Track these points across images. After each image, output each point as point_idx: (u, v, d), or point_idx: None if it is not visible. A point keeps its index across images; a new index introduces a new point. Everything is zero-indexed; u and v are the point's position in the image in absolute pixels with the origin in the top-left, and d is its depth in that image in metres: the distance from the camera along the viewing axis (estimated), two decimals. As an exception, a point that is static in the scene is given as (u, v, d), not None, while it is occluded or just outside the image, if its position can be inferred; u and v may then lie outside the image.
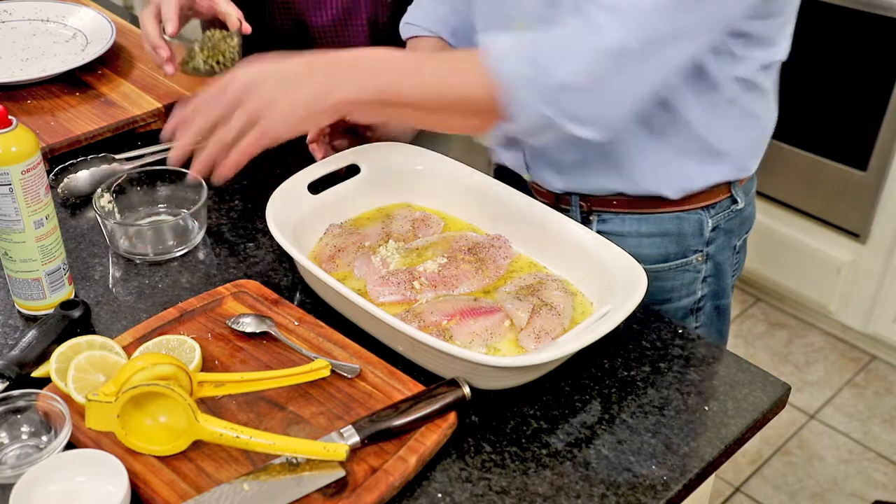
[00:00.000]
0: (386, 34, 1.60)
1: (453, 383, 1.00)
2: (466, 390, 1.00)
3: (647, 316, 1.17)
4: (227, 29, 1.45)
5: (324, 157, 1.28)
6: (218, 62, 1.45)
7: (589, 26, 1.02)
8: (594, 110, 1.05)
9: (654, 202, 1.28)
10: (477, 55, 1.07)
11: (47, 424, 0.98)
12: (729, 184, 1.29)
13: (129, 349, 1.06)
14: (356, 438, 0.95)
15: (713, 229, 1.32)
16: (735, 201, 1.32)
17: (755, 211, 1.40)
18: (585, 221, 1.32)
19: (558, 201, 1.32)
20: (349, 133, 1.34)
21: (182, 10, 1.41)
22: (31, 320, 1.16)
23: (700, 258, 1.33)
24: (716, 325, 1.41)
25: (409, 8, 1.44)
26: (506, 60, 1.04)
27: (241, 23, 1.42)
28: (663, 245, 1.31)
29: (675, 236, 1.31)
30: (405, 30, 1.43)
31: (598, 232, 1.30)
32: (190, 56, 1.44)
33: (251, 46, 1.41)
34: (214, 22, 1.46)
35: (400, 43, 1.42)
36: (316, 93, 1.05)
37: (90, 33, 1.66)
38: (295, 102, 1.04)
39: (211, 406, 1.01)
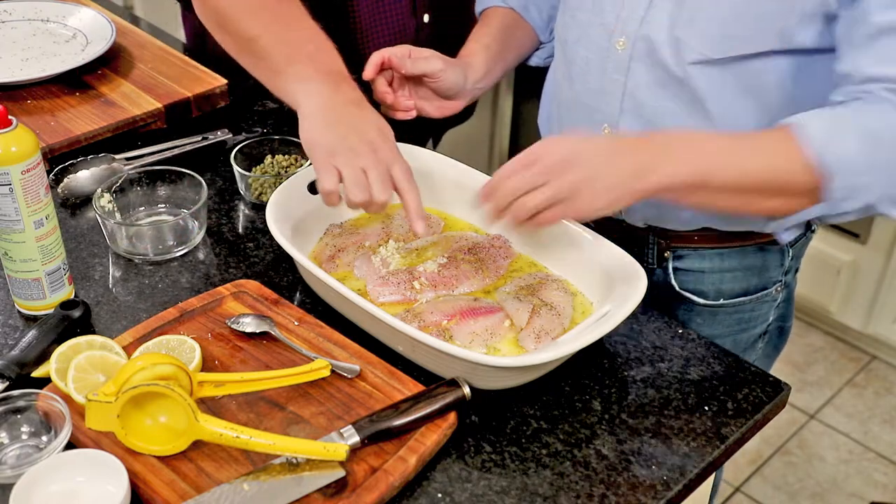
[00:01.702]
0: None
1: (453, 383, 1.00)
2: (466, 390, 1.00)
3: (648, 316, 1.17)
4: (289, 153, 1.40)
5: (392, 104, 1.26)
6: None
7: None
8: None
9: (740, 236, 1.25)
10: (794, 136, 1.02)
11: (47, 424, 0.98)
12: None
13: (129, 349, 1.06)
14: (356, 438, 0.95)
15: (792, 258, 1.30)
16: (811, 227, 1.30)
17: None
18: (660, 259, 1.29)
19: (630, 241, 1.23)
20: (410, 81, 1.30)
21: None
22: (31, 320, 1.16)
23: (779, 288, 1.32)
24: (774, 342, 1.40)
25: None
26: (836, 144, 1.00)
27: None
28: (745, 279, 1.29)
29: (758, 269, 1.28)
30: (479, 3, 1.42)
31: (675, 269, 1.30)
32: (262, 189, 1.35)
33: None
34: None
35: (444, 27, 1.40)
36: (632, 174, 1.02)
37: (90, 33, 1.66)
38: (610, 184, 1.02)
39: (211, 406, 1.01)
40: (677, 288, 1.30)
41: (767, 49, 1.09)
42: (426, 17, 1.60)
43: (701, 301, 1.30)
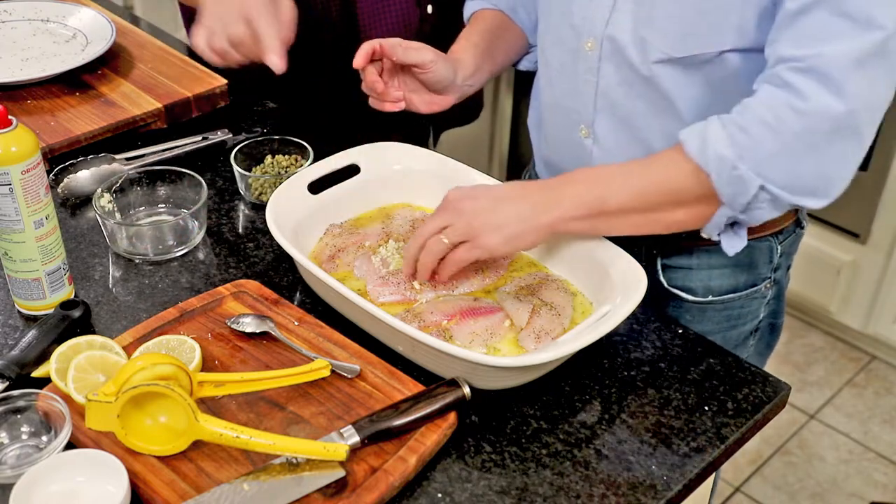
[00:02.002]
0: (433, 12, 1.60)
1: (453, 383, 1.00)
2: (466, 390, 1.00)
3: (647, 316, 1.17)
4: (289, 153, 1.40)
5: (382, 93, 1.27)
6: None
7: (792, 93, 1.01)
8: (821, 176, 1.05)
9: None
10: (676, 149, 1.08)
11: (47, 424, 0.98)
12: (797, 208, 1.27)
13: (129, 349, 1.06)
14: (356, 438, 0.95)
15: (780, 255, 1.31)
16: (800, 224, 1.32)
17: None
18: (649, 257, 1.29)
19: (618, 239, 1.20)
20: (400, 72, 1.31)
21: None
22: (31, 320, 1.16)
23: (768, 284, 1.33)
24: (766, 339, 1.40)
25: None
26: (711, 143, 1.04)
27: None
28: (734, 276, 1.30)
29: (746, 266, 1.29)
30: (468, 6, 1.42)
31: (664, 267, 1.31)
32: (262, 189, 1.35)
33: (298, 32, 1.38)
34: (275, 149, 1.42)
35: (447, 19, 1.40)
36: (531, 211, 1.08)
37: (90, 33, 1.66)
38: (508, 219, 1.08)
39: (211, 406, 1.01)
40: (666, 285, 1.31)
41: (728, 47, 1.11)
42: (429, 8, 1.61)
43: (690, 298, 1.31)
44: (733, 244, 1.15)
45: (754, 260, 1.29)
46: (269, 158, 1.39)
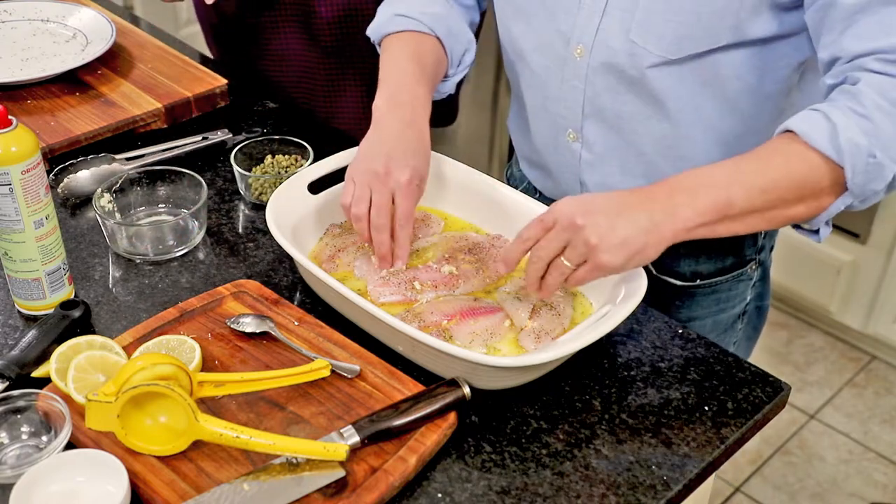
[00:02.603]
0: None
1: (453, 383, 1.00)
2: (466, 390, 1.00)
3: (647, 316, 1.17)
4: (289, 153, 1.39)
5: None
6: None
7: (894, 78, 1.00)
8: None
9: None
10: (794, 141, 1.02)
11: (47, 424, 0.98)
12: None
13: (129, 349, 1.06)
14: (356, 438, 0.95)
15: (765, 236, 1.31)
16: None
17: None
18: None
19: None
20: None
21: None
22: (31, 320, 1.16)
23: (754, 266, 1.33)
24: (753, 322, 1.41)
25: None
26: (843, 132, 1.00)
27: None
28: (720, 259, 1.29)
29: (732, 248, 1.29)
30: (394, 22, 1.28)
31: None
32: (262, 189, 1.34)
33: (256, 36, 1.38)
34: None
35: None
36: (651, 223, 1.01)
37: (90, 33, 1.66)
38: (622, 240, 1.00)
39: (211, 406, 1.01)
40: (654, 272, 1.31)
41: (723, 44, 1.10)
42: None
43: (678, 283, 1.31)
44: (826, 232, 1.12)
45: (740, 242, 1.29)
46: (269, 158, 1.39)
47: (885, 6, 1.01)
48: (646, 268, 1.28)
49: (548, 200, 1.28)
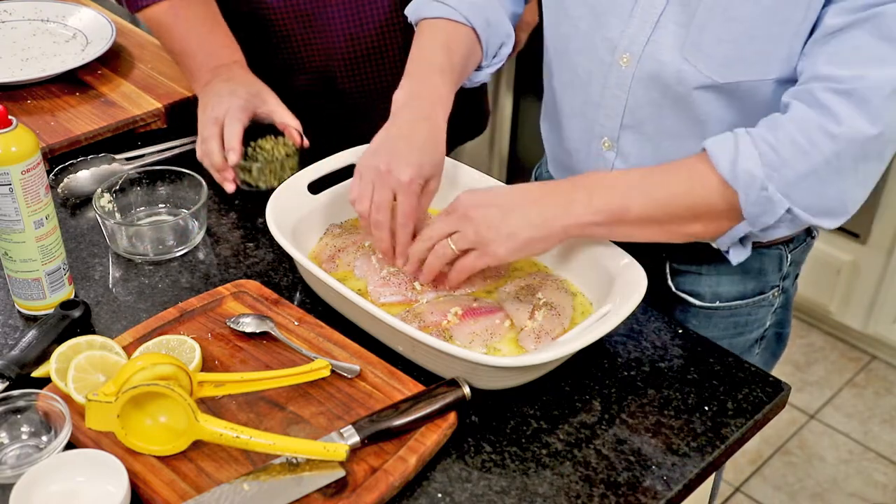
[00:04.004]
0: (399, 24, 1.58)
1: (453, 383, 1.00)
2: (466, 390, 1.00)
3: (647, 316, 1.17)
4: (274, 134, 1.39)
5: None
6: (272, 173, 1.35)
7: (826, 115, 1.00)
8: (842, 199, 1.04)
9: None
10: (701, 161, 1.05)
11: (47, 424, 0.98)
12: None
13: (129, 349, 1.06)
14: (356, 438, 0.95)
15: (790, 263, 1.30)
16: (811, 234, 1.30)
17: None
18: (658, 263, 1.27)
19: (626, 243, 1.17)
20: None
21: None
22: (31, 320, 1.16)
23: (776, 293, 1.31)
24: (772, 348, 1.39)
25: None
26: (742, 161, 1.02)
27: (302, 138, 1.35)
28: (742, 282, 1.28)
29: (756, 273, 1.28)
30: (431, 6, 1.28)
31: (673, 271, 1.29)
32: (243, 169, 1.34)
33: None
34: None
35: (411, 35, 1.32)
36: (541, 218, 1.06)
37: (90, 33, 1.66)
38: (519, 227, 1.06)
39: (211, 406, 1.01)
40: (674, 289, 1.30)
41: (773, 76, 1.08)
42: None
43: (697, 303, 1.30)
44: (739, 255, 1.13)
45: (764, 268, 1.28)
46: (252, 144, 1.37)
47: (867, 33, 0.99)
48: (666, 285, 1.29)
49: None
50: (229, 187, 1.33)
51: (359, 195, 1.13)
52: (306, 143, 1.36)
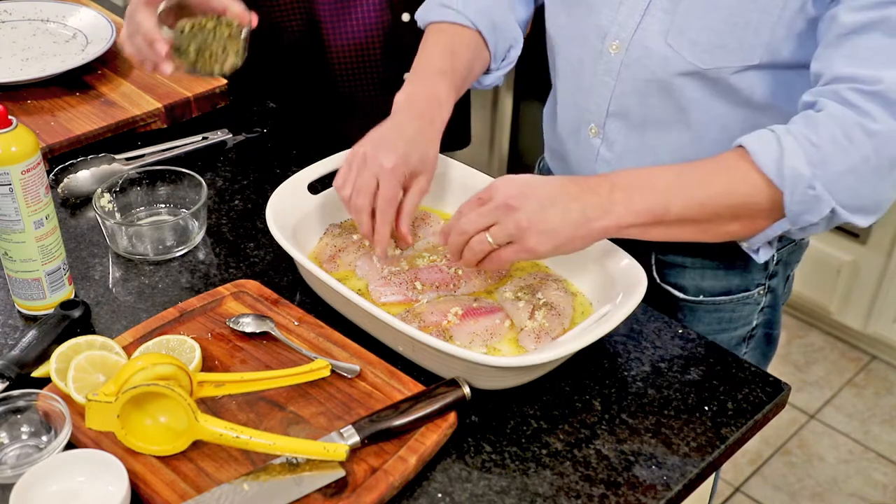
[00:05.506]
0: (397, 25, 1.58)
1: (453, 383, 1.00)
2: (466, 390, 1.00)
3: (647, 316, 1.17)
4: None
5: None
6: (212, 56, 1.27)
7: (862, 114, 0.99)
8: (877, 198, 1.03)
9: None
10: (741, 159, 1.03)
11: (47, 424, 0.98)
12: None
13: (129, 349, 1.06)
14: (356, 438, 0.95)
15: (777, 262, 1.30)
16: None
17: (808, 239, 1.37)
18: (643, 255, 1.25)
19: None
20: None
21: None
22: (31, 320, 1.16)
23: (762, 291, 1.31)
24: (762, 349, 1.39)
25: None
26: (788, 159, 1.00)
27: (249, 15, 1.27)
28: (727, 278, 1.28)
29: (740, 269, 1.28)
30: (437, 11, 1.29)
31: (658, 263, 1.29)
32: (179, 52, 1.27)
33: (256, 43, 1.37)
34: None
35: (417, 34, 1.32)
36: (582, 216, 1.02)
37: (90, 33, 1.66)
38: (558, 224, 1.02)
39: (211, 406, 1.01)
40: (658, 281, 1.31)
41: (755, 62, 1.10)
42: (405, 16, 1.56)
43: (681, 296, 1.31)
44: (767, 254, 1.12)
45: (749, 265, 1.28)
46: (192, 23, 1.27)
47: (882, 34, 0.99)
48: (650, 278, 1.29)
49: None
50: (167, 68, 1.26)
51: (343, 181, 1.14)
52: (254, 19, 1.26)
